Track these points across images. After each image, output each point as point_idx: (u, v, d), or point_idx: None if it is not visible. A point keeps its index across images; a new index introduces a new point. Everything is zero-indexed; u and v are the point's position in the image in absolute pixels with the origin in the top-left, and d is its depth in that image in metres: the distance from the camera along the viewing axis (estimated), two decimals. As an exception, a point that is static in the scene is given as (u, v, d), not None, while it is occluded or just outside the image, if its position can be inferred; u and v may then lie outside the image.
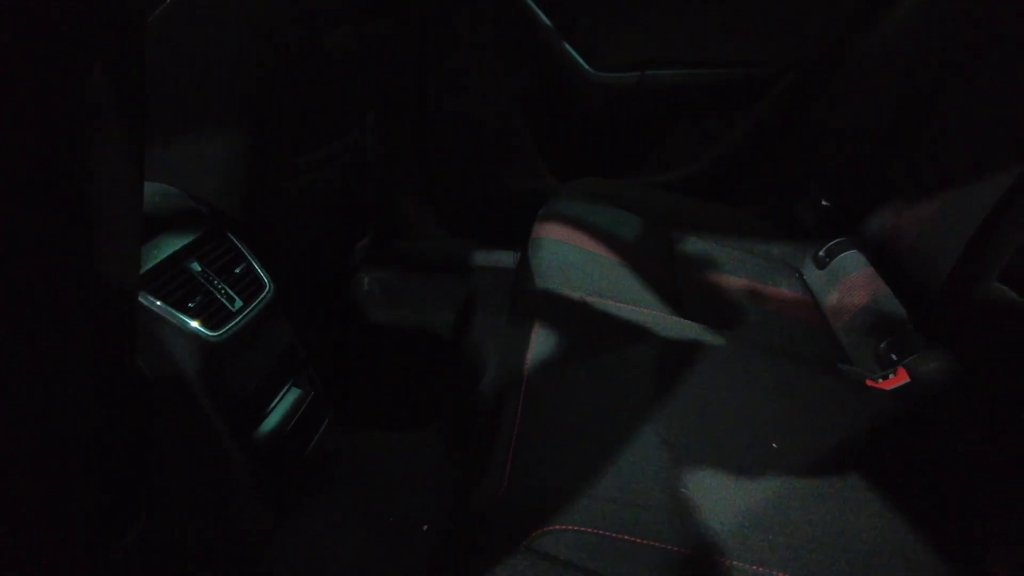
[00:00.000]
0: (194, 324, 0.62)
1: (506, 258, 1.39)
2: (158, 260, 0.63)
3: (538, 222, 0.99)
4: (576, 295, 0.78)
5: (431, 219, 1.45)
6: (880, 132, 1.01)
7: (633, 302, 0.79)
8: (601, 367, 0.67)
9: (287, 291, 0.81)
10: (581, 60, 1.20)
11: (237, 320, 0.67)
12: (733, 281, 0.97)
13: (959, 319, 0.75)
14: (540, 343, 0.70)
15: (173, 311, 0.61)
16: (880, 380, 0.75)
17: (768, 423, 0.63)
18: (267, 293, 0.73)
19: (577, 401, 0.62)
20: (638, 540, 0.47)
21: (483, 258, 1.40)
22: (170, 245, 0.66)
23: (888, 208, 0.97)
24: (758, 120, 1.21)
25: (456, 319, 1.32)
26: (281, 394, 0.77)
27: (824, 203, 1.11)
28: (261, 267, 0.75)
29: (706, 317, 0.84)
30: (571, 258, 0.87)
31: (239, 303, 0.69)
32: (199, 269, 0.67)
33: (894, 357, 0.80)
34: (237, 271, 0.71)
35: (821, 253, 1.06)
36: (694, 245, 1.03)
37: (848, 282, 0.98)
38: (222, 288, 0.68)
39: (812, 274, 1.05)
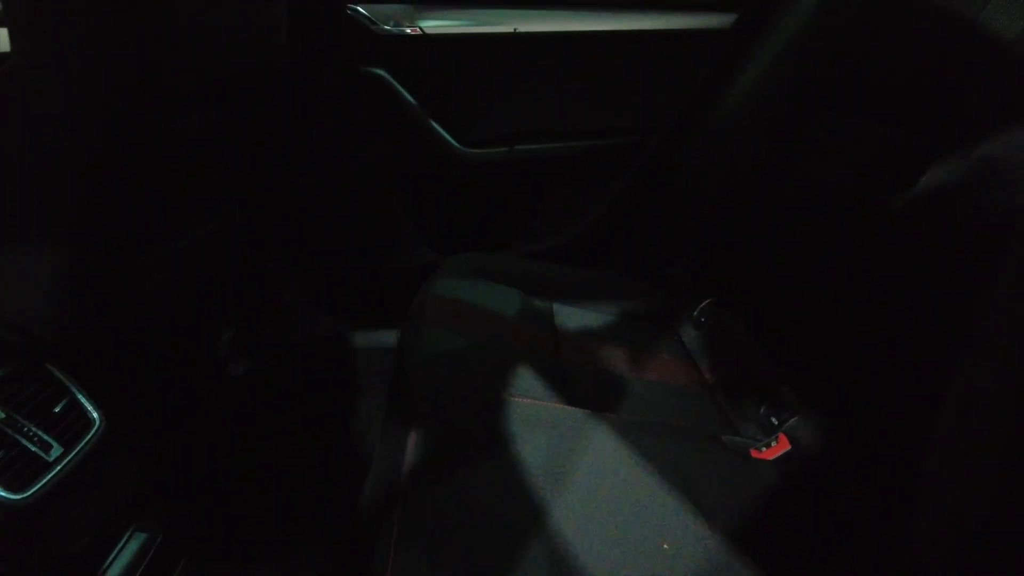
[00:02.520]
0: (-7, 488, 0.52)
1: (389, 337, 1.33)
2: (-57, 414, 0.53)
3: (414, 306, 0.95)
4: (454, 392, 0.73)
5: (306, 300, 1.37)
6: (739, 190, 1.06)
7: (517, 393, 0.76)
8: (483, 476, 0.62)
9: (132, 412, 0.71)
10: (449, 137, 1.19)
11: (54, 471, 0.57)
12: (615, 351, 0.96)
13: (834, 376, 0.77)
14: (417, 454, 0.65)
15: (-36, 476, 0.51)
16: (763, 449, 0.75)
17: (657, 518, 0.60)
18: (96, 431, 0.63)
19: (459, 523, 0.57)
20: None
21: (364, 339, 1.34)
22: (-38, 391, 0.55)
23: (755, 264, 1.01)
24: (627, 186, 1.24)
25: (338, 409, 1.24)
26: (122, 542, 0.67)
27: (696, 263, 1.14)
28: (90, 399, 0.65)
29: (592, 394, 0.82)
30: (449, 347, 0.83)
31: (57, 450, 0.59)
32: (3, 416, 0.57)
33: (774, 421, 0.82)
34: (57, 410, 0.61)
35: (696, 313, 1.08)
36: (576, 314, 1.03)
37: (724, 342, 1.00)
38: (34, 434, 0.58)
39: (690, 336, 1.07)
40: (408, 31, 1.14)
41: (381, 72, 1.16)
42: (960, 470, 0.55)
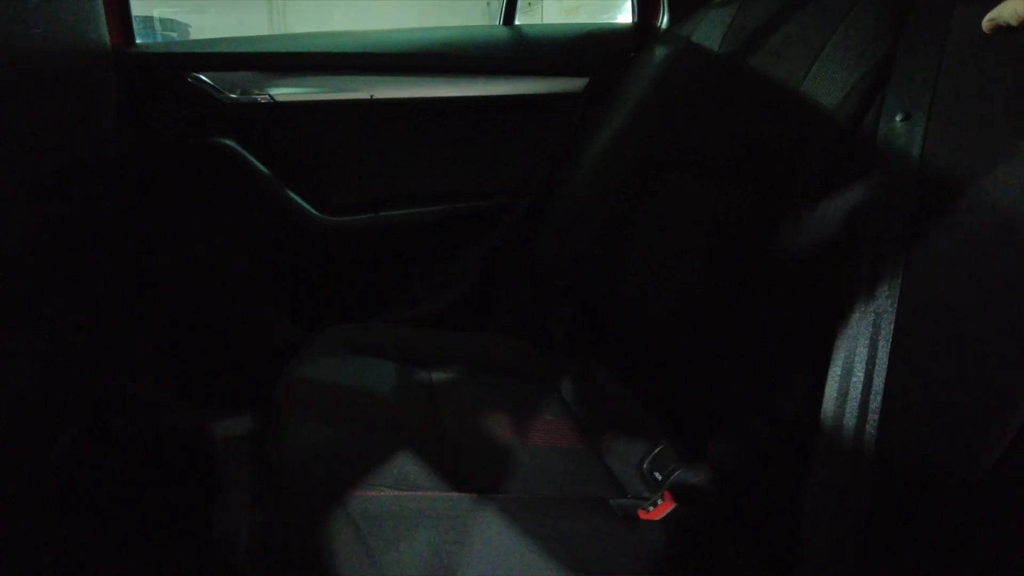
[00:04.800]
0: None
1: (252, 422, 1.23)
2: None
3: (279, 391, 0.87)
4: (321, 493, 0.67)
5: (163, 389, 1.24)
6: (599, 247, 1.08)
7: (394, 485, 0.71)
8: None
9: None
10: (308, 207, 1.14)
11: None
12: (499, 417, 0.94)
13: (704, 428, 0.79)
14: (290, 567, 0.59)
15: None
16: (651, 509, 0.75)
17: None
18: None
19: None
20: None
21: (229, 428, 1.22)
22: None
23: (621, 317, 1.03)
24: (498, 246, 1.24)
25: (200, 511, 1.11)
26: None
27: (569, 319, 1.15)
28: None
29: (477, 473, 0.79)
30: (314, 440, 0.76)
31: None
32: None
33: (658, 476, 0.82)
34: None
35: (575, 370, 1.08)
36: (457, 381, 1.00)
37: (604, 398, 1.00)
38: None
39: (571, 392, 1.07)
40: (257, 99, 1.09)
41: (230, 142, 1.09)
42: (832, 518, 0.58)
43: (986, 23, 0.55)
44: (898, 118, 0.61)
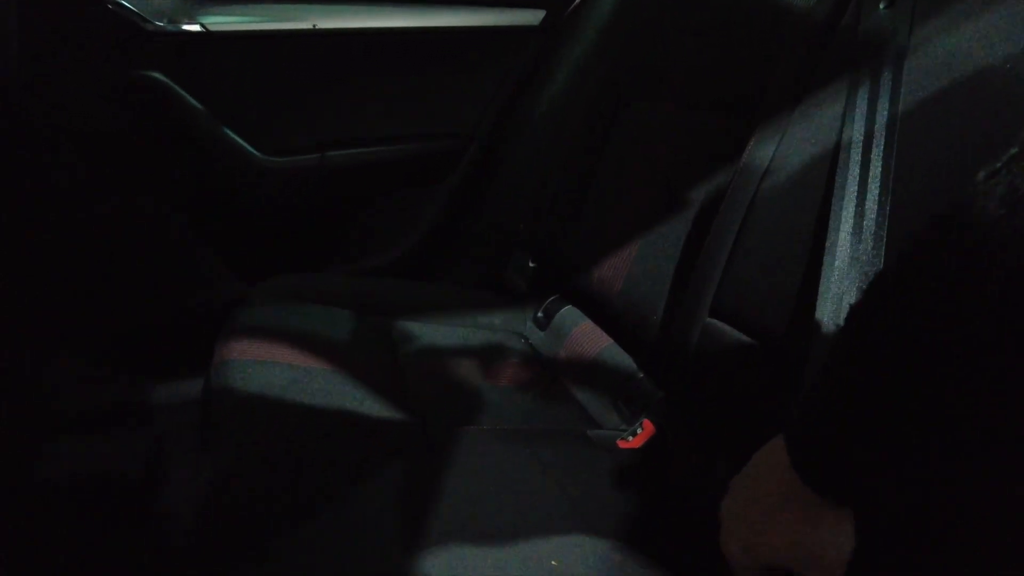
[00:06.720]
0: None
1: (196, 388, 1.13)
2: None
3: (221, 341, 0.79)
4: (276, 436, 0.60)
5: (95, 362, 1.13)
6: (561, 185, 1.04)
7: (356, 423, 0.64)
8: (327, 529, 0.50)
9: None
10: (247, 145, 1.05)
11: None
12: (463, 363, 0.89)
13: (681, 361, 0.75)
14: (243, 515, 0.52)
15: None
16: (630, 438, 0.71)
17: (539, 532, 0.53)
18: None
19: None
20: None
21: (166, 394, 1.13)
22: None
23: (589, 259, 0.99)
24: (452, 192, 1.18)
25: (142, 482, 1.02)
26: None
27: (531, 264, 1.10)
28: None
29: (442, 413, 0.73)
30: (268, 380, 0.69)
31: None
32: None
33: (636, 409, 0.79)
34: None
35: (539, 314, 1.04)
36: (416, 331, 0.94)
37: (572, 339, 0.96)
38: None
39: (536, 336, 1.03)
40: (187, 28, 0.99)
41: (158, 75, 0.99)
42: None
43: None
44: (882, 6, 0.59)
